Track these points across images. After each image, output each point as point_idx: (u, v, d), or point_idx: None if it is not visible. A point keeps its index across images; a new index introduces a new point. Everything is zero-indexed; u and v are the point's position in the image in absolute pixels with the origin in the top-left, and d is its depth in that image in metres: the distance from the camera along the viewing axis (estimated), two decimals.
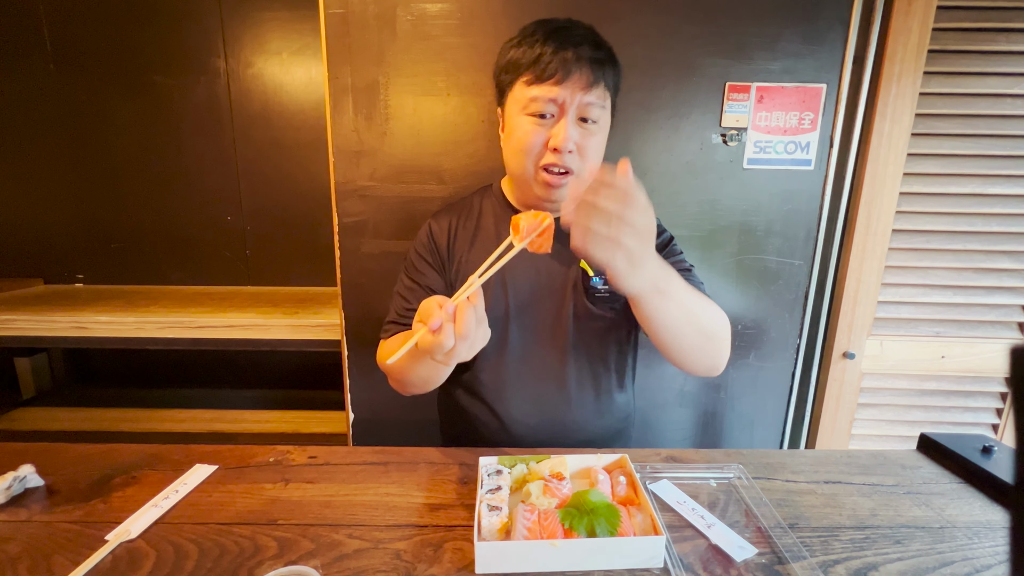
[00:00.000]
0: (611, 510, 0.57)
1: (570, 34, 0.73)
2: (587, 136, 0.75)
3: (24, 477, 0.65)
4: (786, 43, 1.10)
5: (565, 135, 0.72)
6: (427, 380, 0.77)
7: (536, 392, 0.84)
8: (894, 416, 1.37)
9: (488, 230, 0.86)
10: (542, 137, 0.74)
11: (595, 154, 0.77)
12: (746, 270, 1.21)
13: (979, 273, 1.28)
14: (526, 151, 0.76)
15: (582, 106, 0.73)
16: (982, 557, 0.57)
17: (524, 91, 0.74)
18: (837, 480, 0.72)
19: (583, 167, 0.76)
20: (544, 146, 0.75)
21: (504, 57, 0.77)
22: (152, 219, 1.83)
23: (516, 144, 0.77)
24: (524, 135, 0.75)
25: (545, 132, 0.74)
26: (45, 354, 1.85)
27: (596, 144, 0.77)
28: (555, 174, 0.76)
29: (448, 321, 0.56)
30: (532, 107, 0.74)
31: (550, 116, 0.74)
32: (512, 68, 0.76)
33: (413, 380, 0.77)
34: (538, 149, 0.75)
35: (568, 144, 0.73)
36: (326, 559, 0.54)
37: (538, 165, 0.76)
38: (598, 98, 0.74)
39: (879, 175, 1.22)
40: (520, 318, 0.83)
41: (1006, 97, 1.19)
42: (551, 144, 0.74)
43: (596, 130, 0.76)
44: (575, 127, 0.74)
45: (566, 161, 0.74)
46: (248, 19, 1.69)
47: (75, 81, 1.72)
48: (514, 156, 0.78)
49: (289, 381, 1.94)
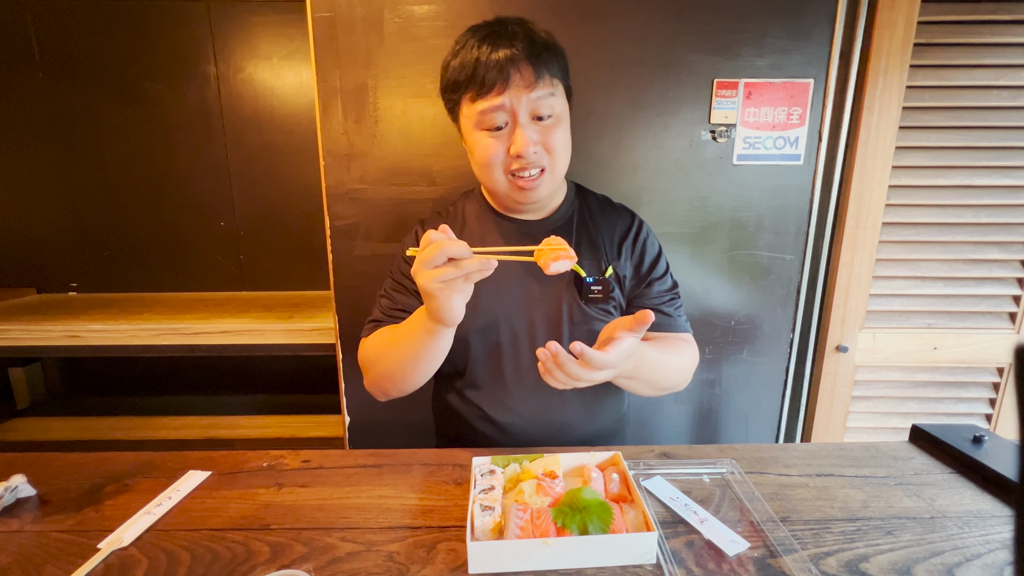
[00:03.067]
0: (604, 507, 0.57)
1: (501, 36, 0.72)
2: (547, 132, 0.74)
3: (15, 487, 0.64)
4: (773, 39, 1.10)
5: (524, 141, 0.72)
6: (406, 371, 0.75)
7: (531, 393, 0.84)
8: (888, 408, 1.38)
9: (473, 234, 0.86)
10: (502, 148, 0.74)
11: (561, 146, 0.77)
12: (738, 266, 1.22)
13: (969, 264, 1.29)
14: (491, 165, 0.75)
15: (532, 104, 0.72)
16: (972, 546, 0.58)
17: (471, 108, 0.74)
18: (829, 473, 0.72)
19: (553, 161, 0.76)
20: (507, 154, 0.74)
21: (444, 77, 0.77)
22: (145, 226, 1.82)
23: (480, 160, 0.76)
24: (484, 150, 0.75)
25: (504, 142, 0.74)
26: (39, 364, 1.85)
27: (560, 136, 0.76)
28: (526, 178, 0.76)
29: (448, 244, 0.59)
30: (484, 122, 0.73)
31: (504, 125, 0.73)
32: (453, 87, 0.75)
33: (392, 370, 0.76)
34: (502, 159, 0.75)
35: (529, 149, 0.73)
36: (319, 563, 0.54)
37: (507, 173, 0.76)
38: (545, 90, 0.73)
39: (868, 169, 1.22)
40: (514, 319, 0.83)
41: (993, 89, 1.20)
42: (512, 152, 0.73)
43: (554, 122, 0.75)
44: (532, 128, 0.73)
45: (532, 162, 0.74)
46: (237, 24, 1.69)
47: (65, 89, 1.72)
48: (481, 170, 0.78)
49: (285, 386, 1.94)
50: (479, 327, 0.82)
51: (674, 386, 0.83)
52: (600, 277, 0.82)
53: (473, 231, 0.86)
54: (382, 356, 0.78)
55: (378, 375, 0.79)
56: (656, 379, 0.77)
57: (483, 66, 0.70)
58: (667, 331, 0.85)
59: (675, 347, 0.83)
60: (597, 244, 0.85)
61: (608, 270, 0.84)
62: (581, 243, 0.84)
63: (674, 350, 0.82)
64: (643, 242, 0.87)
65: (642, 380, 0.75)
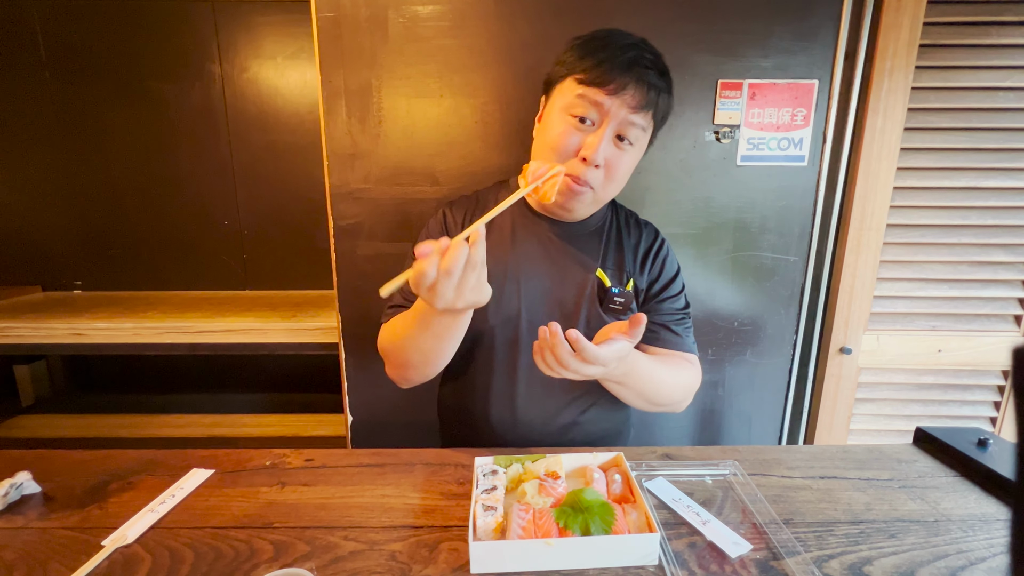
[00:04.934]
0: (606, 508, 0.57)
1: (641, 53, 0.72)
2: (619, 155, 0.74)
3: (20, 484, 0.65)
4: (778, 40, 1.10)
5: (598, 147, 0.71)
6: (427, 355, 0.73)
7: (541, 397, 0.84)
8: (892, 411, 1.37)
9: (502, 225, 0.85)
10: (576, 141, 0.73)
11: (622, 175, 0.77)
12: (741, 267, 1.22)
13: (974, 266, 1.28)
14: (557, 151, 0.74)
15: (624, 123, 0.72)
16: (977, 550, 0.57)
17: (573, 89, 0.72)
18: (832, 475, 0.72)
19: (606, 187, 0.76)
20: (575, 152, 0.73)
21: (567, 50, 0.76)
22: (149, 225, 1.83)
23: (549, 140, 0.75)
24: (559, 135, 0.74)
25: (580, 138, 0.73)
26: (44, 361, 1.86)
27: (626, 164, 0.76)
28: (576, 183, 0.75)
29: (438, 254, 0.55)
30: (576, 108, 0.72)
31: (590, 123, 0.72)
32: (569, 63, 0.74)
33: (411, 355, 0.74)
34: (569, 152, 0.74)
35: (597, 158, 0.72)
36: (321, 561, 0.54)
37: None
38: (643, 120, 0.73)
39: (872, 170, 1.22)
40: (533, 321, 0.82)
41: (999, 90, 1.19)
42: (582, 152, 0.72)
43: (630, 150, 0.75)
44: (610, 143, 0.73)
45: (589, 178, 0.73)
46: (242, 24, 1.70)
47: (71, 88, 1.73)
48: (542, 150, 0.77)
49: (288, 385, 1.95)
50: (495, 325, 0.82)
51: (667, 403, 0.80)
52: (624, 289, 0.82)
53: (502, 222, 0.85)
54: (401, 342, 0.75)
55: (398, 361, 0.77)
56: (647, 391, 0.76)
57: (611, 62, 0.70)
58: (672, 349, 0.84)
59: (674, 364, 0.82)
60: (623, 256, 0.85)
61: (629, 283, 0.84)
62: (608, 253, 0.85)
63: (672, 367, 0.81)
64: (663, 260, 0.87)
65: (632, 389, 0.74)
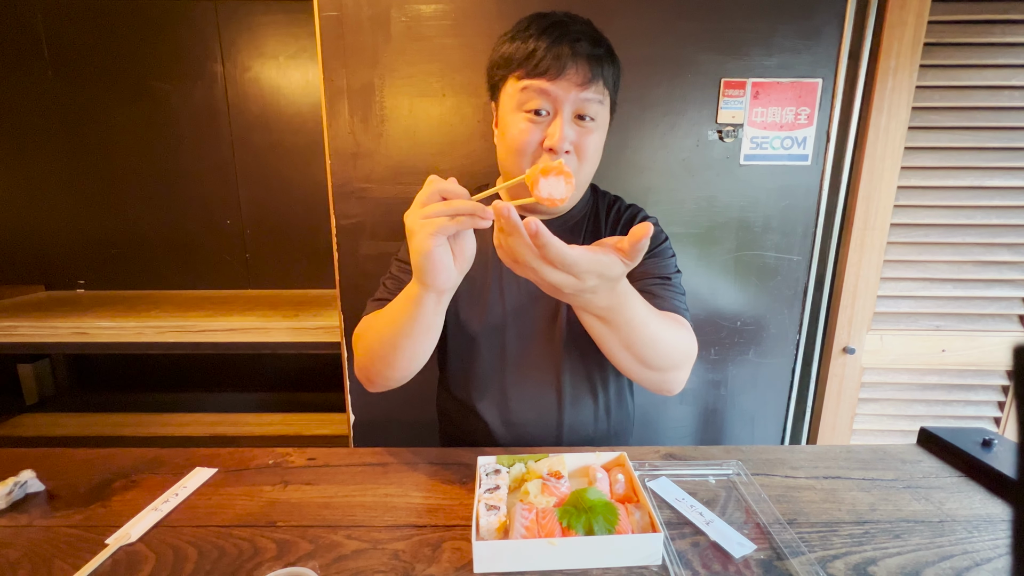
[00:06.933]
0: (609, 508, 0.57)
1: (567, 29, 0.70)
2: (584, 134, 0.72)
3: (25, 482, 0.65)
4: (781, 39, 1.10)
5: (561, 135, 0.70)
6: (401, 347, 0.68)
7: (534, 395, 0.84)
8: (895, 411, 1.37)
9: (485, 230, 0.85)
10: (537, 136, 0.72)
11: (593, 153, 0.75)
12: (744, 266, 1.21)
13: (978, 266, 1.28)
14: (520, 151, 0.73)
15: (578, 103, 0.70)
16: (982, 551, 0.57)
17: (517, 87, 0.71)
18: (836, 475, 0.72)
19: (580, 168, 0.74)
20: (539, 146, 0.72)
21: (497, 52, 0.75)
22: (152, 224, 1.83)
23: (510, 143, 0.74)
24: (518, 134, 0.72)
25: (540, 131, 0.72)
26: (48, 360, 1.86)
27: (594, 143, 0.74)
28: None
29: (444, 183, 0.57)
30: (526, 104, 0.71)
31: (545, 114, 0.71)
32: (505, 63, 0.73)
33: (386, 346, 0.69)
34: (533, 149, 0.72)
35: (564, 144, 0.70)
36: (324, 560, 0.54)
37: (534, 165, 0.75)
38: (596, 94, 0.71)
39: (876, 169, 1.21)
40: (516, 321, 0.82)
41: (1003, 89, 1.18)
42: (546, 144, 0.71)
43: (594, 127, 0.73)
44: (571, 126, 0.71)
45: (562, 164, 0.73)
46: (244, 23, 1.70)
47: (73, 87, 1.73)
48: (508, 155, 0.76)
49: (290, 384, 1.95)
50: (485, 325, 0.82)
51: (660, 365, 0.68)
52: None
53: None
54: (368, 331, 0.73)
55: (361, 352, 0.74)
56: (635, 340, 0.64)
57: (541, 51, 0.68)
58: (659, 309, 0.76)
59: (671, 319, 0.72)
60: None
61: None
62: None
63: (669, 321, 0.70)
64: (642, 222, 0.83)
65: (618, 333, 0.63)
